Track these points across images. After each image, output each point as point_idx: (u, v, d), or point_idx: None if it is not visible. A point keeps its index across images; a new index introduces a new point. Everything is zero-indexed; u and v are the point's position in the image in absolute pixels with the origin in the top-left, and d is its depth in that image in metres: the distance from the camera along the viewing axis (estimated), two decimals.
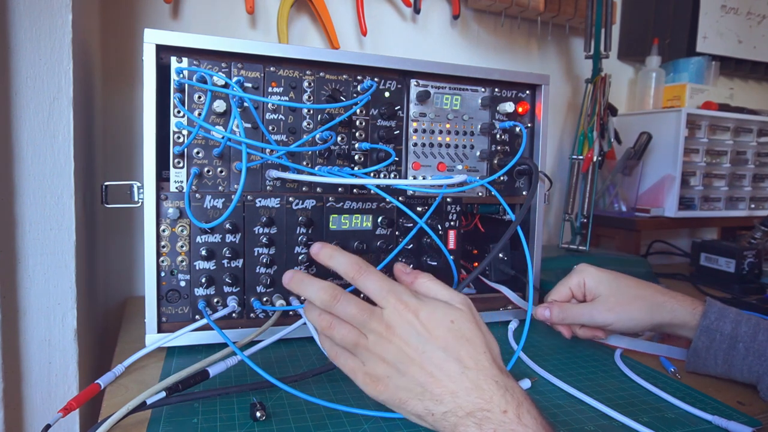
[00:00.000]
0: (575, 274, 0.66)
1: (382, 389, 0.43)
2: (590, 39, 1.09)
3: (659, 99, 1.30)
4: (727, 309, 0.59)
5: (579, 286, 0.65)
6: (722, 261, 1.07)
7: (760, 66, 1.47)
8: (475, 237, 0.85)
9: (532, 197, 0.69)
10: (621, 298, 0.62)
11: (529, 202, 0.66)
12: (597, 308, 0.62)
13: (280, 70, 0.64)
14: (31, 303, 0.56)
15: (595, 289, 0.64)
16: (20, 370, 0.57)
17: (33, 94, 0.55)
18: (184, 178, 0.61)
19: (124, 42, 0.89)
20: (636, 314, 0.61)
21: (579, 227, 1.07)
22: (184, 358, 0.61)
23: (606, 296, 0.62)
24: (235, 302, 0.63)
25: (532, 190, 0.69)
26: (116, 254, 0.92)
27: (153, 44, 0.58)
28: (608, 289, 0.63)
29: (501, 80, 0.75)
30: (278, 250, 0.66)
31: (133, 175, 0.91)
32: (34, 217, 0.56)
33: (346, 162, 0.68)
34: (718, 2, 1.35)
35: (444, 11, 1.13)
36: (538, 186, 0.74)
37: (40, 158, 0.56)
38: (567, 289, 0.66)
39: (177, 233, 0.61)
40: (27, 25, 0.54)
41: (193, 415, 0.48)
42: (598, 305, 0.62)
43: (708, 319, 0.59)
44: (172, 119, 0.60)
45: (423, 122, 0.72)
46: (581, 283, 0.65)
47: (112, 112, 0.90)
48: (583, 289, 0.65)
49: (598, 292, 0.63)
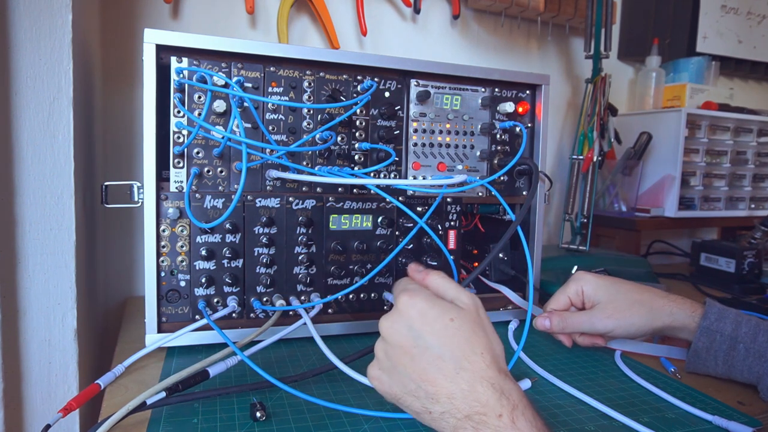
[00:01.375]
0: (573, 282, 0.66)
1: (377, 384, 0.44)
2: (590, 39, 1.09)
3: (659, 99, 1.30)
4: (727, 310, 0.59)
5: (577, 294, 0.65)
6: (722, 261, 1.07)
7: (760, 66, 1.47)
8: (475, 237, 0.85)
9: (532, 197, 0.69)
10: (619, 305, 0.62)
11: (530, 202, 0.66)
12: (596, 316, 0.62)
13: (280, 70, 0.64)
14: (31, 303, 0.56)
15: (594, 296, 0.64)
16: (20, 370, 0.57)
17: (33, 94, 0.55)
18: (184, 178, 0.61)
19: (124, 42, 0.89)
20: (635, 320, 0.61)
21: (579, 227, 1.07)
22: (184, 358, 0.61)
23: (605, 303, 0.62)
24: (235, 302, 0.63)
25: (533, 190, 0.69)
26: (116, 254, 0.92)
27: (153, 44, 0.58)
28: (606, 295, 0.63)
29: (501, 80, 0.75)
30: (278, 250, 0.66)
31: (133, 175, 0.91)
32: (34, 217, 0.56)
33: (346, 162, 0.68)
34: (718, 2, 1.35)
35: (444, 11, 1.13)
36: (538, 186, 0.74)
37: (40, 158, 0.56)
38: (566, 298, 0.66)
39: (177, 233, 0.61)
40: (27, 25, 0.54)
41: (193, 416, 0.48)
42: (597, 312, 0.62)
43: (708, 320, 0.59)
44: (172, 119, 0.60)
45: (423, 122, 0.72)
46: (579, 291, 0.65)
47: (112, 112, 0.90)
48: (582, 297, 0.65)
49: (596, 299, 0.63)
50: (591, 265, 0.94)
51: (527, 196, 0.76)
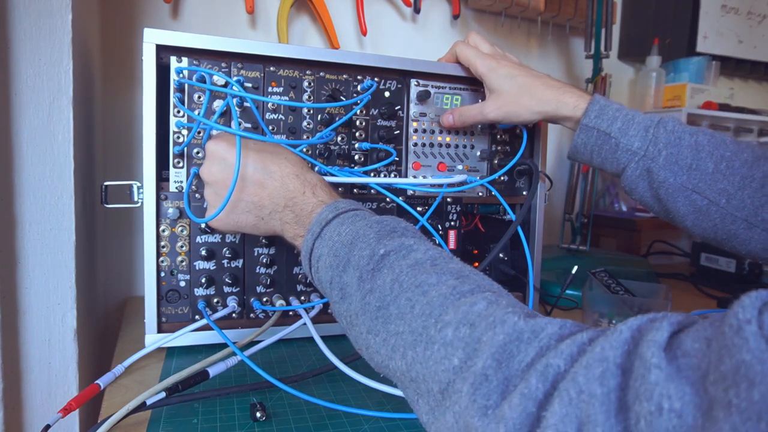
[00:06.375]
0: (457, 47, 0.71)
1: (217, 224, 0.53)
2: (590, 39, 1.09)
3: (659, 99, 1.30)
4: (607, 106, 0.63)
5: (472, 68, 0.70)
6: (722, 261, 1.07)
7: (760, 66, 1.46)
8: (475, 237, 0.85)
9: (533, 197, 0.69)
10: (510, 98, 0.65)
11: (530, 202, 0.66)
12: (488, 107, 0.67)
13: (280, 69, 0.64)
14: (31, 303, 0.56)
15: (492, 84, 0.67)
16: (20, 370, 0.57)
17: (33, 94, 0.55)
18: (183, 178, 0.61)
19: (124, 42, 0.89)
20: (522, 111, 0.66)
21: (579, 227, 1.07)
22: (184, 359, 0.61)
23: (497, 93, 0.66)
24: (235, 302, 0.63)
25: (533, 190, 0.69)
26: (116, 254, 0.92)
27: (153, 44, 0.58)
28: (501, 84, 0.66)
29: None
30: (278, 250, 0.66)
31: (133, 175, 0.90)
32: (34, 217, 0.56)
33: (346, 162, 0.68)
34: (719, 2, 1.34)
35: (444, 11, 1.13)
36: (539, 186, 0.74)
37: (40, 158, 0.56)
38: None
39: (177, 233, 0.61)
40: (27, 25, 0.53)
41: (193, 416, 0.48)
42: (489, 103, 0.67)
43: (588, 118, 0.63)
44: (172, 119, 0.60)
45: (423, 122, 0.72)
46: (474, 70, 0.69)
47: (112, 112, 0.90)
48: None
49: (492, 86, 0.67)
50: (591, 265, 0.94)
51: (527, 196, 0.76)
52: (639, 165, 0.60)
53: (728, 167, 0.57)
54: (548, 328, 0.29)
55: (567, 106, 0.64)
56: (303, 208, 0.48)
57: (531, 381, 0.25)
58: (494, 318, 0.30)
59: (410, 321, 0.34)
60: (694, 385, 0.21)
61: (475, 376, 0.28)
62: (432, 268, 0.37)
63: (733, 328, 0.20)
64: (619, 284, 0.81)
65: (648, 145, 0.60)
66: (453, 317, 0.32)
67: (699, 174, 0.58)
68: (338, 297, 0.41)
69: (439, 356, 0.31)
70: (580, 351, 0.26)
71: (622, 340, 0.24)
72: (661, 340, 0.23)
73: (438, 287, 0.35)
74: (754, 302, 0.20)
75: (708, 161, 0.58)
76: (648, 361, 0.22)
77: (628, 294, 0.79)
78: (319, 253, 0.43)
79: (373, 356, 0.37)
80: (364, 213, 0.45)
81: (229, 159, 0.50)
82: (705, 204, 0.58)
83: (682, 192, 0.59)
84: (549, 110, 0.65)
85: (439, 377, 0.30)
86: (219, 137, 0.54)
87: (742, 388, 0.18)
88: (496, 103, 0.66)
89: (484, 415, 0.26)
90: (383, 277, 0.38)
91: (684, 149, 0.58)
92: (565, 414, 0.23)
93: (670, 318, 0.25)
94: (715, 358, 0.20)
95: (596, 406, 0.23)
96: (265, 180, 0.49)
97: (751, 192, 0.56)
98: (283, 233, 0.50)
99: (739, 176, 0.57)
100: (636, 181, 0.61)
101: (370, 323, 0.37)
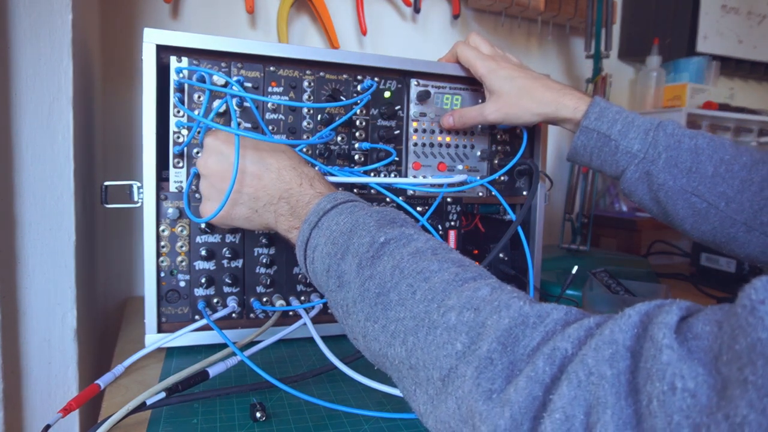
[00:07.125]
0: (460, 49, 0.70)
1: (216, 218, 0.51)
2: (591, 39, 1.09)
3: (660, 99, 1.30)
4: (608, 108, 0.62)
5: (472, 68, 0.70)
6: (723, 261, 1.07)
7: (760, 66, 1.46)
8: (475, 237, 0.84)
9: (533, 197, 0.69)
10: (510, 99, 0.66)
11: (530, 202, 0.66)
12: (488, 108, 0.67)
13: (280, 69, 0.64)
14: (31, 303, 0.56)
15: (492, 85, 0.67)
16: (20, 370, 0.57)
17: (33, 94, 0.55)
18: (183, 178, 0.61)
19: (124, 42, 0.89)
20: (522, 113, 0.66)
21: (579, 227, 1.07)
22: (183, 359, 0.61)
23: (497, 94, 0.66)
24: (234, 302, 0.63)
25: (533, 190, 0.69)
26: (116, 254, 0.92)
27: (153, 44, 0.58)
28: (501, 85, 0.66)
29: None
30: (278, 250, 0.66)
31: (132, 175, 0.90)
32: (34, 218, 0.56)
33: (346, 162, 0.68)
34: (719, 2, 1.34)
35: (444, 11, 1.13)
36: (539, 186, 0.74)
37: (40, 158, 0.55)
38: None
39: (177, 233, 0.61)
40: (27, 25, 0.53)
41: (193, 416, 0.48)
42: (489, 105, 0.67)
43: (588, 120, 0.63)
44: (172, 119, 0.60)
45: (423, 122, 0.72)
46: None
47: (112, 112, 0.90)
48: None
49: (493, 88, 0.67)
50: (591, 265, 0.94)
51: (527, 196, 0.76)
52: (638, 167, 0.60)
53: (727, 170, 0.57)
54: (554, 313, 0.28)
55: (567, 108, 0.64)
56: (299, 199, 0.47)
57: (538, 364, 0.25)
58: (499, 302, 0.30)
59: (411, 306, 0.33)
60: (707, 366, 0.21)
61: (480, 360, 0.27)
62: (433, 257, 0.37)
63: (747, 309, 0.20)
64: (620, 284, 0.81)
65: (648, 147, 0.60)
66: (456, 302, 0.31)
67: (698, 177, 0.58)
68: (335, 285, 0.40)
69: (441, 341, 0.30)
70: (588, 335, 0.26)
71: (632, 323, 0.24)
72: (672, 323, 0.23)
73: (440, 273, 0.34)
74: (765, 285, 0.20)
75: (707, 164, 0.58)
76: (659, 342, 0.22)
77: (628, 294, 0.79)
78: (316, 242, 0.43)
79: (370, 344, 0.37)
80: (363, 204, 0.45)
81: (225, 151, 0.50)
82: (704, 207, 0.58)
83: (682, 195, 0.59)
84: (549, 112, 0.65)
85: (441, 363, 0.30)
86: (216, 131, 0.54)
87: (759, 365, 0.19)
88: (496, 105, 0.66)
89: (488, 399, 0.26)
90: (383, 263, 0.37)
91: (683, 152, 0.58)
92: (573, 396, 0.23)
93: (679, 303, 0.25)
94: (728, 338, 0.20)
95: (606, 388, 0.23)
96: (261, 172, 0.49)
97: (750, 195, 0.56)
98: (277, 226, 0.49)
99: (739, 179, 0.57)
100: (635, 184, 0.61)
101: (369, 310, 0.36)
